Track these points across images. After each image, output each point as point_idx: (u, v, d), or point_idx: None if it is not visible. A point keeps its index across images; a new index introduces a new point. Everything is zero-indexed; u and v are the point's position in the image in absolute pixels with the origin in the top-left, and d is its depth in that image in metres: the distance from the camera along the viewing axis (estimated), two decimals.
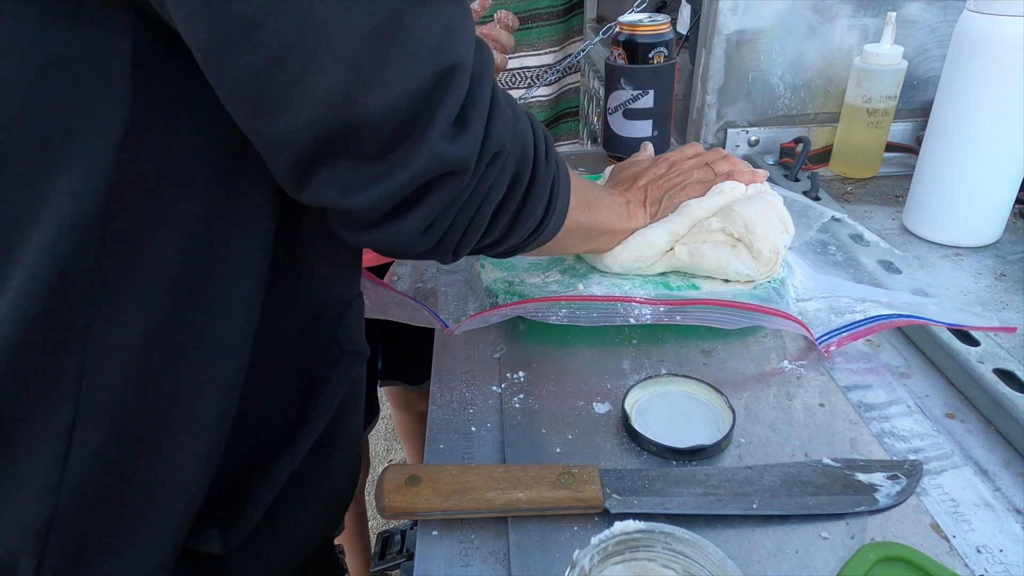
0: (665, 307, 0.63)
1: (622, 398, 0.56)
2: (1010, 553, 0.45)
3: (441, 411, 0.59)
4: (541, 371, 0.62)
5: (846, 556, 0.45)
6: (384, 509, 0.47)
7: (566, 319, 0.64)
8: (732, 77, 0.98)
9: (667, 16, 0.93)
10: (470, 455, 0.55)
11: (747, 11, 0.94)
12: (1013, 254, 0.77)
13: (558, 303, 0.65)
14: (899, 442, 0.54)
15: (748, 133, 1.01)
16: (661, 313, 0.63)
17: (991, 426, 0.56)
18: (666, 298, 0.65)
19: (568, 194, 0.57)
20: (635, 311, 0.64)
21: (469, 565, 0.46)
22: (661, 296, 0.65)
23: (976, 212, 0.77)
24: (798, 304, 0.67)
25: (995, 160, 0.74)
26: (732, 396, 0.57)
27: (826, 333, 0.63)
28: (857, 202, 0.91)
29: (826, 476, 0.50)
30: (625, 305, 0.64)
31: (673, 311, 0.63)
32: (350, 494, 0.62)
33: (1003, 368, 0.57)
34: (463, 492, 0.47)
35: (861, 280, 0.71)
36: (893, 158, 0.98)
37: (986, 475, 0.52)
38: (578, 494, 0.47)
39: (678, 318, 0.63)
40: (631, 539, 0.40)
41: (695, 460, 0.52)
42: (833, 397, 0.58)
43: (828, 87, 1.00)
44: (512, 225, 0.50)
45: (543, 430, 0.56)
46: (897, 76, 0.89)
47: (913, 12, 0.95)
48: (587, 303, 0.65)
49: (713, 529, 0.47)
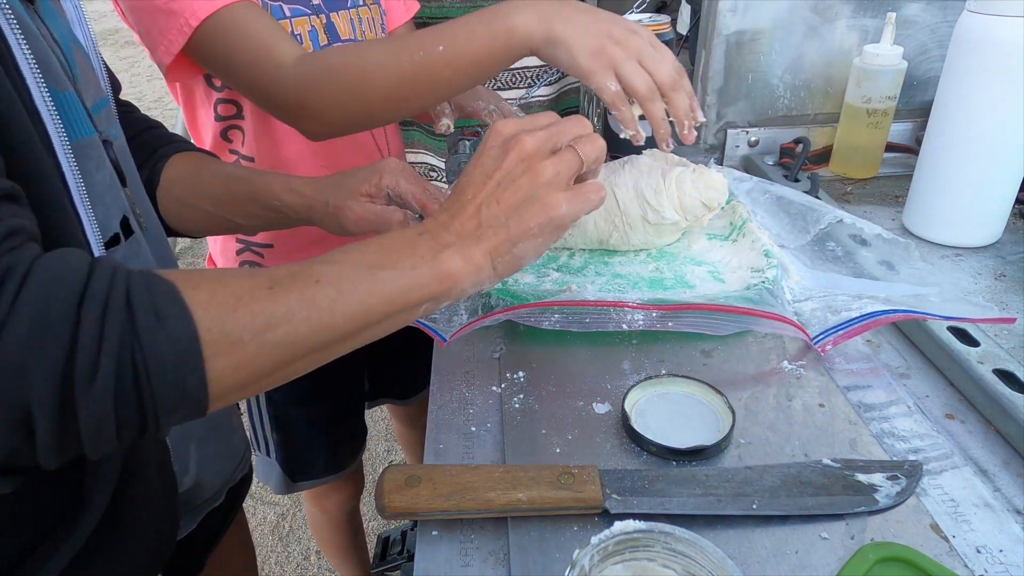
0: (658, 312, 0.63)
1: (622, 398, 0.56)
2: (1010, 553, 0.45)
3: (441, 411, 0.59)
4: (541, 371, 0.62)
5: (846, 556, 0.45)
6: (384, 509, 0.47)
7: (559, 324, 0.63)
8: (732, 77, 0.98)
9: (667, 16, 0.93)
10: (470, 455, 0.55)
11: (747, 11, 0.94)
12: (1013, 254, 0.77)
13: (551, 307, 0.64)
14: (899, 442, 0.54)
15: (748, 134, 1.01)
16: (654, 319, 0.63)
17: (991, 426, 0.56)
18: (659, 301, 0.65)
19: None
20: (628, 316, 0.63)
21: (469, 565, 0.46)
22: (655, 299, 0.65)
23: (976, 212, 0.77)
24: (794, 305, 0.67)
25: (995, 160, 0.74)
26: (732, 396, 0.57)
27: (822, 332, 0.63)
28: (857, 202, 0.91)
29: (826, 476, 0.50)
30: (618, 310, 0.63)
31: (666, 316, 0.63)
32: (163, 548, 0.59)
33: (1003, 368, 0.57)
34: (463, 492, 0.47)
35: (860, 275, 0.71)
36: (893, 158, 0.98)
37: (986, 475, 0.52)
38: (578, 494, 0.47)
39: (670, 324, 0.63)
40: (631, 539, 0.40)
41: (695, 460, 0.52)
42: (833, 397, 0.58)
43: (828, 87, 1.00)
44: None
45: (543, 430, 0.56)
46: (897, 76, 0.89)
47: (913, 12, 0.95)
48: (580, 307, 0.65)
49: (713, 529, 0.47)
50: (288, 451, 1.08)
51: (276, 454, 1.08)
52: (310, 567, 1.72)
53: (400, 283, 0.46)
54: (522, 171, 0.50)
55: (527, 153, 0.50)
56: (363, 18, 0.89)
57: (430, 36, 0.69)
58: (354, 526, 1.38)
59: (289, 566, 1.72)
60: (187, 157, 0.73)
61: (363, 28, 0.89)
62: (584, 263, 0.74)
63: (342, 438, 1.14)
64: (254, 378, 0.42)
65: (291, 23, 0.81)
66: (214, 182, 0.71)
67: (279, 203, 0.70)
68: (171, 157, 0.71)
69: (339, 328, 0.45)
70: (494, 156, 0.51)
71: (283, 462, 1.09)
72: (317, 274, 0.44)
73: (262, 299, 0.41)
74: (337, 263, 0.45)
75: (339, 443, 1.13)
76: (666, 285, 0.70)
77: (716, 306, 0.62)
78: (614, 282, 0.70)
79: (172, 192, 0.71)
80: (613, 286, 0.70)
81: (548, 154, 0.51)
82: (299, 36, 0.82)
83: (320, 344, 0.44)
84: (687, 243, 0.76)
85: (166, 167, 0.71)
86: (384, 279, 0.46)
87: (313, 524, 1.41)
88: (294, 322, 0.42)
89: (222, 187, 0.71)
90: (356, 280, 0.45)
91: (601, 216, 0.72)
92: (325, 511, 1.30)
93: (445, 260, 0.48)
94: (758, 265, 0.68)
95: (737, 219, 0.76)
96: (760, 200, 0.81)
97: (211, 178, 0.72)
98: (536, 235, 0.50)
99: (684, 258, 0.74)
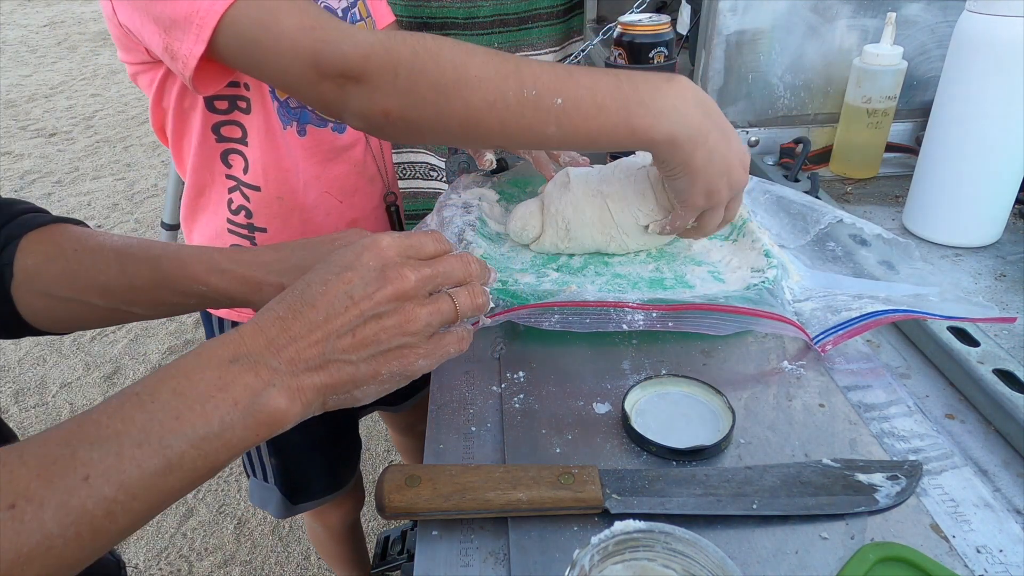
0: (658, 312, 0.63)
1: (622, 398, 0.56)
2: (1010, 553, 0.45)
3: (441, 411, 0.59)
4: (541, 371, 0.62)
5: (846, 556, 0.45)
6: (384, 509, 0.47)
7: (559, 324, 0.63)
8: (732, 77, 0.98)
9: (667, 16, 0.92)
10: (470, 455, 0.55)
11: (747, 11, 0.94)
12: (1013, 254, 0.77)
13: (551, 308, 0.64)
14: (899, 442, 0.54)
15: (748, 133, 1.01)
16: (654, 319, 0.63)
17: (991, 426, 0.56)
18: (660, 301, 0.65)
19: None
20: (628, 316, 0.63)
21: (469, 565, 0.46)
22: (655, 300, 0.65)
23: (976, 212, 0.77)
24: (794, 305, 0.67)
25: (995, 160, 0.74)
26: (732, 396, 0.57)
27: (822, 332, 0.63)
28: (857, 202, 0.91)
29: (826, 476, 0.50)
30: (618, 311, 0.63)
31: (666, 317, 0.63)
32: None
33: (1003, 368, 0.57)
34: (463, 492, 0.47)
35: (860, 274, 0.71)
36: (893, 158, 0.98)
37: (986, 475, 0.52)
38: (578, 494, 0.47)
39: (670, 324, 0.63)
40: (631, 539, 0.40)
41: (695, 460, 0.52)
42: (833, 397, 0.58)
43: (828, 87, 1.00)
44: None
45: (543, 430, 0.56)
46: (897, 76, 0.89)
47: (913, 12, 0.95)
48: (580, 308, 0.64)
49: (713, 529, 0.47)
50: (287, 474, 1.06)
51: (275, 478, 1.06)
52: (310, 567, 1.72)
53: (205, 448, 0.37)
54: (392, 310, 0.44)
55: (405, 292, 0.44)
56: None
57: (551, 76, 0.58)
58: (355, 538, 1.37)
59: (289, 566, 1.72)
60: (46, 235, 0.56)
61: None
62: (584, 263, 0.74)
63: (340, 455, 1.13)
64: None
65: None
66: (98, 266, 0.55)
67: (203, 288, 0.56)
68: (21, 239, 0.55)
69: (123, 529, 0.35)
70: (366, 281, 0.43)
71: (282, 486, 1.08)
72: (85, 466, 0.33)
73: (5, 529, 0.31)
74: (114, 437, 0.35)
75: (337, 460, 1.12)
76: (666, 285, 0.70)
77: (716, 306, 0.62)
78: (614, 282, 0.70)
79: (36, 287, 0.54)
80: (613, 286, 0.70)
81: (424, 296, 0.46)
82: None
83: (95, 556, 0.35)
84: (687, 243, 0.76)
85: (19, 254, 0.54)
86: (183, 451, 0.36)
87: (314, 538, 1.40)
88: (55, 550, 0.32)
89: (114, 273, 0.55)
90: (144, 461, 0.35)
91: (596, 228, 0.73)
92: (326, 525, 1.29)
93: (267, 402, 0.39)
94: (758, 265, 0.68)
95: (737, 219, 0.76)
96: (760, 200, 0.81)
97: (92, 262, 0.55)
98: (384, 381, 0.45)
99: (684, 258, 0.74)
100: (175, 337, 2.50)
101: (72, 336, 2.53)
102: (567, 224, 0.72)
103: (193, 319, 2.56)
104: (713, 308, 0.62)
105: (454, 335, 0.48)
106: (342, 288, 0.43)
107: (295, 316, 0.42)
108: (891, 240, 0.72)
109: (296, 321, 0.42)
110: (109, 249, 0.55)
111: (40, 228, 0.56)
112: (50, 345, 2.47)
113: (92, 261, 0.55)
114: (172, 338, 2.50)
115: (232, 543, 1.79)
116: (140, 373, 2.35)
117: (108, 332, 2.54)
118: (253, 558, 1.75)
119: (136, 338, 2.51)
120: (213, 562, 1.73)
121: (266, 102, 0.79)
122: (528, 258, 0.76)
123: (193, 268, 0.55)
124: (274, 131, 0.81)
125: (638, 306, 0.63)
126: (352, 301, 0.43)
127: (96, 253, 0.55)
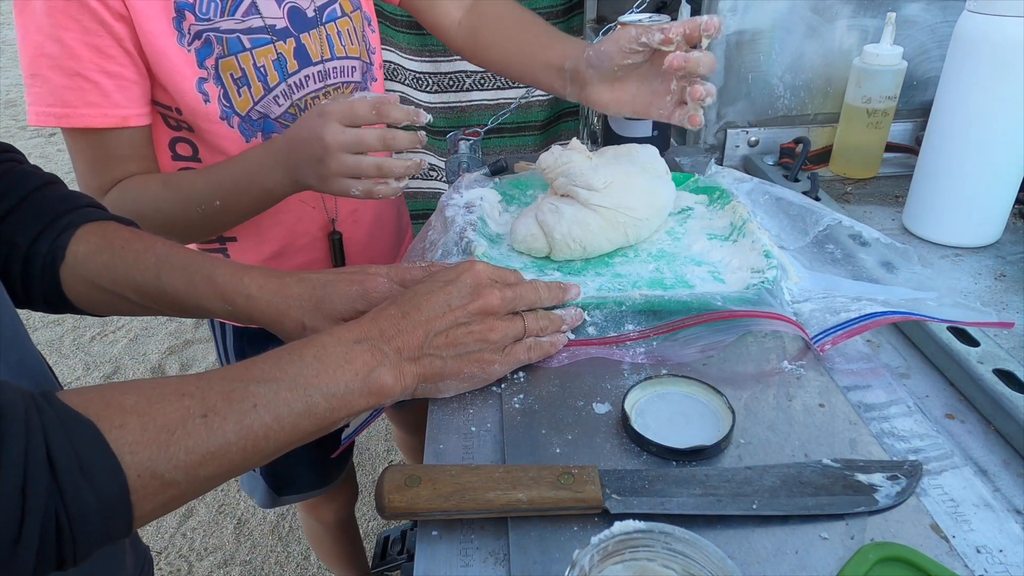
0: (657, 338, 0.63)
1: (622, 398, 0.56)
2: (1010, 553, 0.45)
3: (441, 411, 0.59)
4: (541, 371, 0.62)
5: (846, 556, 0.45)
6: (384, 509, 0.47)
7: (567, 360, 0.63)
8: (732, 77, 0.98)
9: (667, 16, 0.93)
10: (470, 455, 0.55)
11: (747, 11, 0.94)
12: (1013, 254, 0.77)
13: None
14: (899, 442, 0.54)
15: (748, 133, 1.01)
16: (654, 348, 0.63)
17: (991, 426, 0.56)
18: (659, 303, 0.65)
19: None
20: (630, 351, 0.63)
21: (469, 565, 0.46)
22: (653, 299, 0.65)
23: (976, 212, 0.77)
24: (793, 306, 0.67)
25: (995, 160, 0.74)
26: (732, 396, 0.57)
27: (822, 332, 0.63)
28: (857, 202, 0.91)
29: (826, 477, 0.50)
30: (621, 345, 0.64)
31: (664, 345, 0.63)
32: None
33: (1003, 368, 0.57)
34: (463, 492, 0.47)
35: (859, 277, 0.71)
36: (893, 158, 0.98)
37: (986, 475, 0.52)
38: (578, 494, 0.47)
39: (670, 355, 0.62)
40: (631, 539, 0.40)
41: (695, 460, 0.52)
42: (833, 397, 0.58)
43: (828, 87, 1.00)
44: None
45: (543, 430, 0.56)
46: (897, 76, 0.89)
47: (913, 12, 0.95)
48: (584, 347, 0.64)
49: (713, 529, 0.47)
50: (272, 465, 1.05)
51: (260, 468, 1.06)
52: (310, 567, 1.72)
53: (332, 403, 0.47)
54: (479, 320, 0.55)
55: (490, 308, 0.56)
56: (343, 30, 0.86)
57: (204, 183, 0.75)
58: (350, 534, 1.38)
59: (289, 566, 1.73)
60: (100, 229, 0.61)
61: (343, 43, 0.86)
62: (584, 264, 0.74)
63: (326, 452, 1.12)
64: (179, 505, 0.41)
65: (252, 55, 0.78)
66: (138, 267, 0.59)
67: (230, 307, 0.60)
68: (79, 228, 0.59)
69: (270, 452, 0.45)
70: (461, 294, 0.55)
71: (267, 476, 1.08)
72: (254, 397, 0.43)
73: (196, 432, 0.40)
74: (274, 381, 0.45)
75: (323, 456, 1.11)
76: (666, 285, 0.70)
77: (713, 315, 0.62)
78: (614, 281, 0.71)
79: (81, 272, 0.59)
80: (613, 285, 0.70)
81: (504, 314, 0.57)
82: (262, 68, 0.79)
83: (249, 467, 0.44)
84: (687, 243, 0.77)
85: (73, 240, 0.59)
86: (318, 402, 0.46)
87: (309, 534, 1.40)
88: (229, 454, 0.42)
89: (150, 276, 0.59)
90: (292, 403, 0.45)
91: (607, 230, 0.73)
92: (320, 520, 1.30)
93: (379, 376, 0.49)
94: (758, 266, 0.68)
95: (737, 219, 0.76)
96: (760, 201, 0.81)
97: (134, 261, 0.59)
98: (464, 380, 0.56)
99: (684, 258, 0.74)
100: (175, 337, 2.51)
101: (72, 336, 2.53)
102: (581, 243, 0.73)
103: (194, 320, 2.56)
104: (710, 319, 0.62)
105: (523, 345, 0.59)
106: (442, 298, 0.54)
107: (404, 315, 0.53)
108: (890, 244, 0.72)
109: (404, 319, 0.52)
110: (151, 254, 0.60)
111: (97, 222, 0.61)
112: (50, 345, 2.47)
113: (133, 260, 0.60)
114: (172, 338, 2.50)
115: (232, 543, 1.79)
116: (140, 373, 2.35)
117: (108, 332, 2.54)
118: (253, 558, 1.75)
119: (136, 338, 2.51)
120: (213, 562, 1.74)
121: (212, 123, 0.79)
122: (528, 258, 0.76)
123: (223, 289, 0.60)
124: (237, 147, 0.80)
125: (639, 336, 0.64)
126: (449, 308, 0.54)
127: (139, 255, 0.60)
